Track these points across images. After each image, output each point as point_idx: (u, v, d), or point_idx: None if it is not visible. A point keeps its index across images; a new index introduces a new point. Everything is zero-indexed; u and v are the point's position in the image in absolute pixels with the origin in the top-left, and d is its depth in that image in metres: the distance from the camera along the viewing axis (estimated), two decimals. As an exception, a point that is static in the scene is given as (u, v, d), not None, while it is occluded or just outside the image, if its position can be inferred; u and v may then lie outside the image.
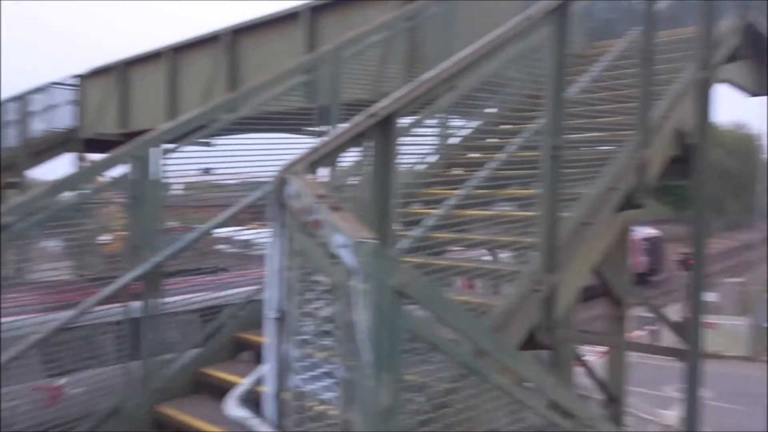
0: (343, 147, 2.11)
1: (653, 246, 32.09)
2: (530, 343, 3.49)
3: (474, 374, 2.31)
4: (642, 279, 30.33)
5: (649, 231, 31.96)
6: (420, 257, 3.13)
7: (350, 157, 2.55)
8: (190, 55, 9.99)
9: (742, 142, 61.57)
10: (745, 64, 6.33)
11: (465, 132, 4.68)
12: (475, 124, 4.71)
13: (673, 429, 9.64)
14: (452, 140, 4.66)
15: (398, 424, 1.80)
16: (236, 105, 4.32)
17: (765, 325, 21.03)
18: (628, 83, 4.23)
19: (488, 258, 4.22)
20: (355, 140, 2.15)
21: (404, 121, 2.59)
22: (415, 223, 3.60)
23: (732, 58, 5.56)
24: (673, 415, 10.02)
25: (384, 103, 2.30)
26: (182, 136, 3.98)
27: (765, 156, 51.17)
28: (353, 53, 4.79)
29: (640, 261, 31.06)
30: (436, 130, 4.44)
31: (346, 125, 2.16)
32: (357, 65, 5.01)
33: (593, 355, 12.76)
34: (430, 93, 2.50)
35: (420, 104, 2.72)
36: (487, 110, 4.63)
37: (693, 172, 5.02)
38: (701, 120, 4.96)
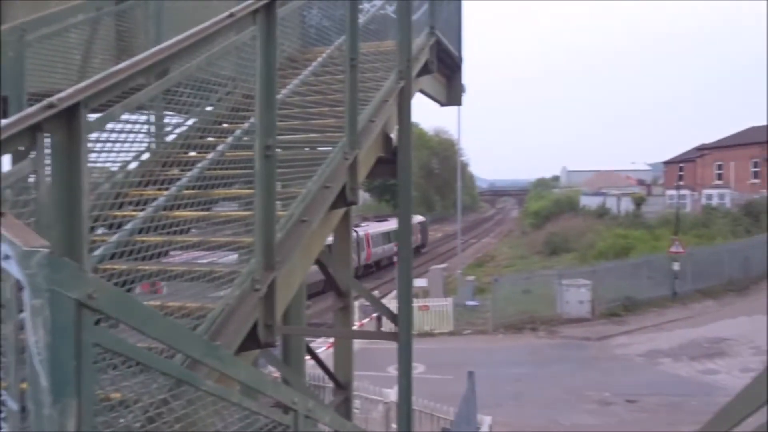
0: (9, 142, 1.80)
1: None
2: (254, 342, 3.47)
3: (184, 384, 2.20)
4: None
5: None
6: (126, 263, 2.87)
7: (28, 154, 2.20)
8: None
9: (444, 146, 71.34)
10: (436, 76, 7.27)
11: (180, 129, 4.46)
12: (191, 121, 4.52)
13: (394, 404, 10.64)
14: (167, 138, 4.39)
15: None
16: None
17: (465, 303, 24.67)
18: (338, 88, 4.50)
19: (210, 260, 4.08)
20: (26, 134, 1.86)
21: (97, 114, 2.33)
22: (124, 225, 3.30)
23: (425, 70, 6.33)
24: (394, 391, 11.08)
25: (67, 92, 2.04)
26: None
27: (461, 158, 59.71)
28: (44, 36, 4.20)
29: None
30: (145, 126, 4.13)
31: (14, 117, 1.86)
32: (51, 50, 4.40)
33: (324, 346, 13.37)
34: (126, 84, 2.29)
35: (118, 96, 2.49)
36: (206, 108, 4.48)
37: (398, 171, 5.59)
38: (403, 125, 5.55)
